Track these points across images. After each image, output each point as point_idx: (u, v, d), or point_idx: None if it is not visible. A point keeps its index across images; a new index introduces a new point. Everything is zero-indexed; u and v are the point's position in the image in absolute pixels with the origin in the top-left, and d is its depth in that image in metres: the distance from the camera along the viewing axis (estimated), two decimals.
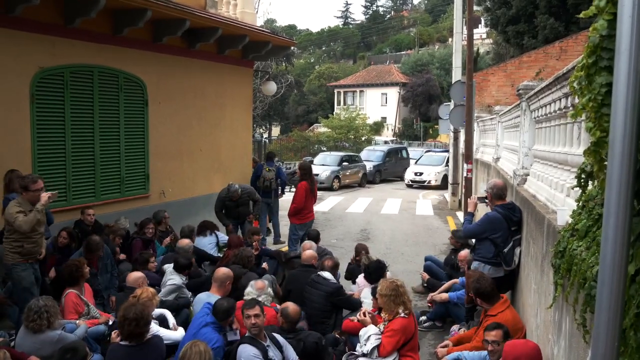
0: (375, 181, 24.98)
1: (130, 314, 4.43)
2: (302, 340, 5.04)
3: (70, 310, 5.50)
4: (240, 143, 12.05)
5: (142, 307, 4.52)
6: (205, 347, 3.98)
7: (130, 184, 9.02)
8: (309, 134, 42.26)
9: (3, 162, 6.18)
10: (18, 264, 5.53)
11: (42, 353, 4.60)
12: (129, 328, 4.43)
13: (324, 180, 21.59)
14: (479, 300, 5.24)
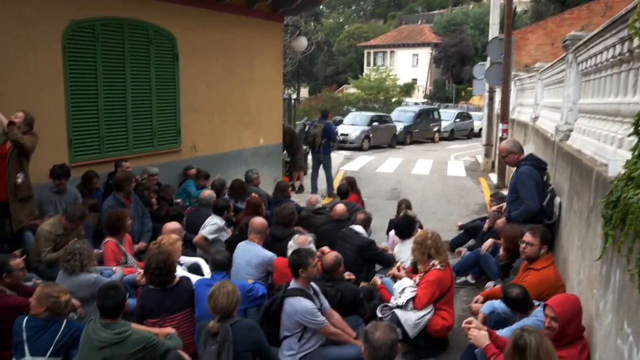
0: (406, 142, 24.66)
1: (153, 264, 4.49)
2: (340, 291, 5.01)
3: (109, 258, 5.57)
4: (270, 99, 11.91)
5: (165, 255, 4.54)
6: (233, 289, 3.97)
7: (162, 138, 9.01)
8: (338, 95, 41.80)
9: (38, 115, 6.18)
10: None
11: (80, 295, 4.67)
12: (152, 277, 4.52)
13: (353, 140, 21.40)
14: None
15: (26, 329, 3.93)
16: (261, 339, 4.07)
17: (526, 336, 3.15)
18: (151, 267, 4.49)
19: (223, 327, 3.83)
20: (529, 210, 5.70)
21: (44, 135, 6.34)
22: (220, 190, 8.04)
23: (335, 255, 5.20)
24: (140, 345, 3.73)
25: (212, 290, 3.97)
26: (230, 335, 3.78)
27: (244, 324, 3.95)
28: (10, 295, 4.37)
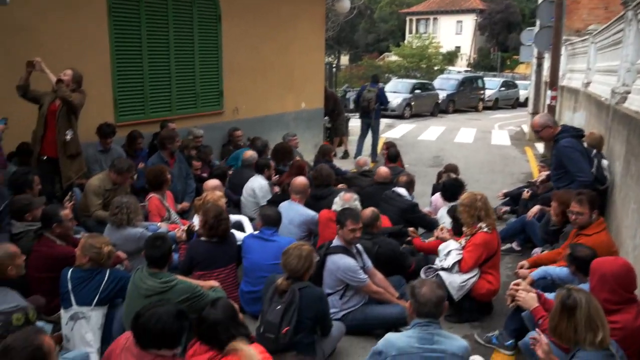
0: (448, 111, 24.17)
1: (211, 215, 4.53)
2: (377, 244, 4.98)
3: (154, 213, 5.65)
4: (312, 63, 11.77)
5: (221, 208, 4.60)
6: (308, 253, 3.93)
7: (204, 100, 9.03)
8: (379, 62, 41.20)
9: (85, 74, 6.23)
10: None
11: (126, 248, 4.76)
12: (208, 229, 4.56)
13: (395, 108, 21.07)
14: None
15: (71, 280, 4.03)
16: (327, 310, 4.05)
17: (575, 294, 3.02)
18: (208, 218, 4.54)
19: (291, 289, 3.82)
20: (583, 184, 5.43)
21: (90, 95, 6.41)
22: (262, 151, 8.04)
23: (373, 209, 5.16)
24: (186, 294, 3.77)
25: (288, 248, 3.98)
26: (297, 299, 3.77)
27: (313, 292, 3.92)
28: (60, 245, 4.48)
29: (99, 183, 5.78)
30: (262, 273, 4.60)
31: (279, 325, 3.77)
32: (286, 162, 7.96)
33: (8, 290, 3.57)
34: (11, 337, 2.56)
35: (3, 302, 3.48)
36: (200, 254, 4.63)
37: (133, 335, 2.97)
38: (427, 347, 3.00)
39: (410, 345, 3.01)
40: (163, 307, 2.99)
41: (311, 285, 3.99)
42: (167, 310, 2.97)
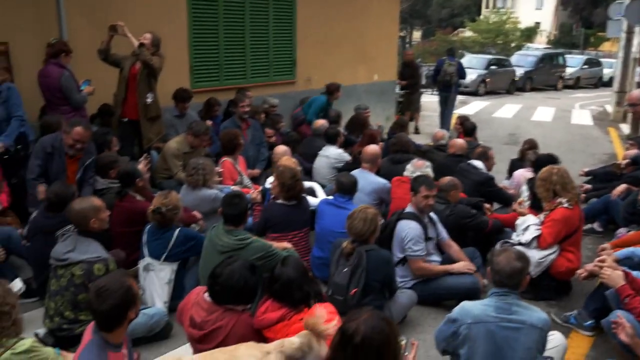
0: (525, 88, 23.15)
1: (287, 177, 4.54)
2: (453, 212, 4.87)
3: (226, 176, 5.74)
4: (386, 35, 11.55)
5: (295, 171, 4.60)
6: (373, 216, 3.89)
7: (277, 69, 9.06)
8: (453, 38, 40.00)
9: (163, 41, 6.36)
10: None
11: (201, 209, 4.87)
12: (284, 191, 4.59)
13: (468, 84, 20.36)
14: None
15: (147, 233, 4.24)
16: (393, 273, 4.02)
17: None
18: (285, 179, 4.57)
19: (358, 251, 3.79)
20: None
21: (166, 61, 6.52)
22: (335, 121, 7.99)
23: (452, 178, 5.05)
24: (260, 253, 3.82)
25: (353, 211, 3.95)
26: (364, 261, 3.74)
27: (380, 254, 3.88)
28: (140, 201, 4.63)
29: (177, 146, 5.92)
30: (333, 239, 4.59)
31: (346, 287, 3.76)
32: (358, 134, 7.89)
33: (91, 242, 3.71)
34: (104, 279, 2.69)
35: (86, 252, 3.63)
36: (276, 216, 4.67)
37: (209, 292, 3.03)
38: (504, 317, 2.88)
39: (486, 314, 2.91)
40: (237, 263, 3.03)
41: (377, 247, 3.96)
42: (242, 266, 3.01)
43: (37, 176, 4.94)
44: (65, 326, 3.60)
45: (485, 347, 2.84)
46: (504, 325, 2.87)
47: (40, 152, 4.97)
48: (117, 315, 2.59)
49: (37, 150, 5.00)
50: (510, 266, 2.92)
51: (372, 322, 2.21)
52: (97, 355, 2.51)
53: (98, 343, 2.57)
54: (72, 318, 3.59)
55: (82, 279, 3.54)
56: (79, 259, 3.58)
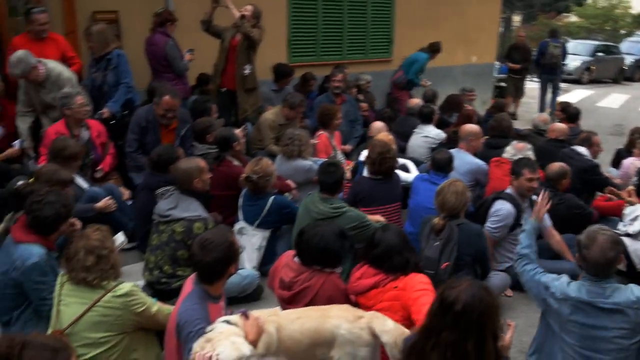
0: (635, 78, 21.56)
1: (376, 152, 4.49)
2: (564, 201, 4.61)
3: (320, 149, 5.76)
4: (487, 14, 11.06)
5: (388, 146, 4.52)
6: (463, 189, 3.77)
7: (374, 47, 8.96)
8: (557, 22, 37.90)
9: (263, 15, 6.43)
10: None
11: (295, 179, 4.92)
12: (374, 165, 4.52)
13: (572, 71, 19.26)
14: None
15: (242, 197, 4.36)
16: (486, 247, 3.87)
17: None
18: (374, 155, 4.51)
19: (448, 226, 3.69)
20: None
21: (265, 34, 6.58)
22: (431, 100, 7.80)
23: (562, 164, 4.75)
24: (354, 222, 3.81)
25: (442, 186, 3.84)
26: (455, 235, 3.64)
27: (472, 228, 3.77)
28: (237, 166, 4.75)
29: (273, 117, 6.00)
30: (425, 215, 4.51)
31: (437, 261, 3.66)
32: (451, 114, 7.68)
33: (193, 201, 3.85)
34: (209, 233, 2.79)
35: (187, 210, 3.77)
36: (363, 190, 4.61)
37: (296, 250, 3.08)
38: (598, 300, 2.72)
39: (577, 296, 2.75)
40: (325, 226, 3.07)
41: (468, 221, 3.83)
42: (330, 229, 3.05)
43: (135, 149, 5.19)
44: (164, 280, 3.75)
45: (578, 330, 2.75)
46: (598, 307, 2.71)
47: (135, 126, 5.19)
48: (219, 268, 2.67)
49: (132, 124, 5.21)
50: (605, 258, 2.73)
51: (473, 291, 2.14)
52: (198, 304, 2.59)
53: (199, 294, 2.65)
54: (170, 272, 3.74)
55: (182, 235, 3.67)
56: (180, 217, 3.72)
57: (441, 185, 3.84)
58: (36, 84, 5.09)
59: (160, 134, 5.26)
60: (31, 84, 5.09)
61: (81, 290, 2.75)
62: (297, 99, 6.02)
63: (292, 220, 4.19)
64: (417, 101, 7.48)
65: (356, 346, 2.64)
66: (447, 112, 7.65)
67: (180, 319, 2.55)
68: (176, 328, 2.56)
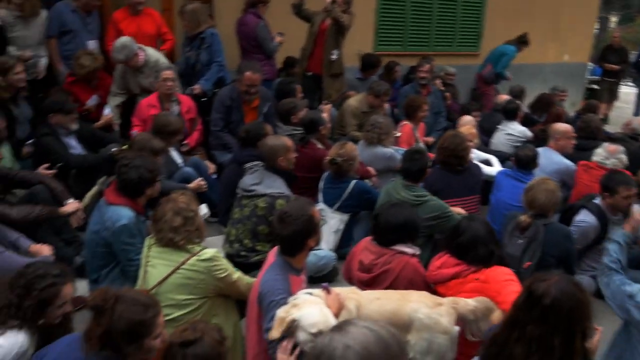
0: None
1: (446, 144, 4.39)
2: None
3: (403, 139, 5.69)
4: (583, 9, 10.49)
5: (460, 138, 4.41)
6: (554, 188, 3.64)
7: (462, 40, 8.77)
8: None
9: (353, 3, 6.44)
10: None
11: (375, 166, 4.90)
12: (444, 157, 4.43)
13: None
14: None
15: (324, 180, 4.40)
16: (573, 250, 3.73)
17: None
18: (444, 146, 4.42)
19: (535, 224, 3.57)
20: None
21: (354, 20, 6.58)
22: (517, 96, 7.55)
23: None
24: (436, 212, 3.76)
25: (532, 183, 3.73)
26: (541, 235, 3.52)
27: (560, 229, 3.65)
28: (321, 149, 4.79)
29: (357, 104, 5.99)
30: (506, 212, 4.36)
31: (520, 259, 3.55)
32: (541, 114, 7.39)
33: (277, 178, 3.92)
34: (288, 206, 2.82)
35: (271, 187, 3.84)
36: (439, 182, 4.49)
37: (372, 232, 3.11)
38: None
39: None
40: (397, 203, 3.12)
41: (555, 222, 3.69)
42: (402, 205, 3.13)
43: (221, 128, 5.33)
44: (243, 253, 3.84)
45: None
46: None
47: (220, 105, 5.33)
48: (298, 240, 2.70)
49: (217, 104, 5.35)
50: None
51: (563, 285, 2.07)
52: (280, 275, 2.64)
53: (281, 265, 2.70)
54: (249, 246, 3.82)
55: (265, 211, 3.74)
56: (263, 192, 3.79)
57: (531, 182, 3.72)
58: (135, 69, 5.35)
59: (243, 112, 5.39)
60: (130, 68, 5.36)
61: (168, 252, 2.86)
62: (382, 88, 5.98)
63: (372, 206, 4.16)
64: (505, 97, 7.26)
65: (433, 332, 2.62)
66: (538, 112, 7.38)
67: (262, 289, 2.60)
68: (258, 297, 2.62)
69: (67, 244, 3.99)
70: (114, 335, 2.08)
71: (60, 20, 5.43)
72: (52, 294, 2.40)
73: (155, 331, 2.16)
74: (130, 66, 5.32)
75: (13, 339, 2.33)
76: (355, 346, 1.35)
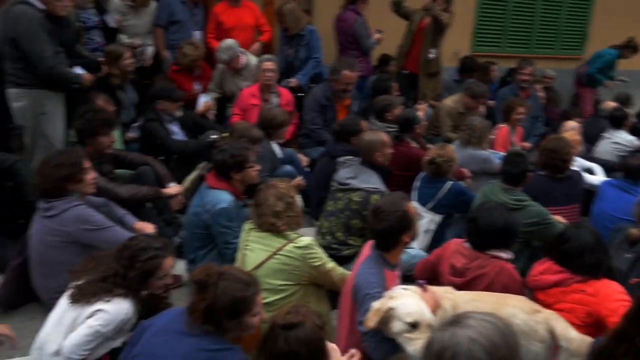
0: None
1: (549, 147, 4.18)
2: None
3: (499, 143, 5.53)
4: None
5: (563, 142, 4.18)
6: None
7: (566, 42, 8.38)
8: None
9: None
10: None
11: (470, 168, 4.78)
12: (545, 160, 4.21)
13: None
14: None
15: (420, 179, 4.32)
16: None
17: None
18: (548, 148, 4.21)
19: None
20: None
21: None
22: (624, 104, 7.11)
23: None
24: (536, 218, 3.62)
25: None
26: None
27: None
28: (416, 148, 4.74)
29: (453, 105, 5.87)
30: (610, 224, 4.14)
31: (626, 274, 3.34)
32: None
33: (373, 173, 3.92)
34: (383, 200, 2.82)
35: (367, 182, 3.84)
36: (536, 188, 4.28)
37: (468, 236, 3.01)
38: None
39: None
40: (494, 205, 3.04)
41: None
42: (499, 207, 3.03)
43: (320, 126, 5.39)
44: (334, 245, 3.86)
45: None
46: None
47: (316, 104, 5.38)
48: (392, 235, 2.69)
49: (312, 103, 5.40)
50: None
51: None
52: (375, 268, 2.64)
53: (376, 259, 2.70)
54: (341, 239, 3.84)
55: (359, 205, 3.75)
56: (359, 187, 3.80)
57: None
58: (235, 71, 5.55)
59: (336, 111, 5.46)
60: (230, 70, 5.56)
61: (266, 238, 2.94)
62: (480, 89, 5.83)
63: (466, 208, 4.06)
64: (612, 104, 6.86)
65: (530, 339, 2.54)
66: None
67: (357, 281, 2.61)
68: (352, 289, 2.63)
69: (167, 225, 4.18)
70: (216, 311, 2.15)
71: (170, 10, 5.69)
72: (154, 266, 2.54)
73: (254, 309, 2.23)
74: (231, 67, 5.52)
75: (118, 305, 2.48)
76: (481, 339, 1.33)
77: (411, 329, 2.27)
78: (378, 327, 2.34)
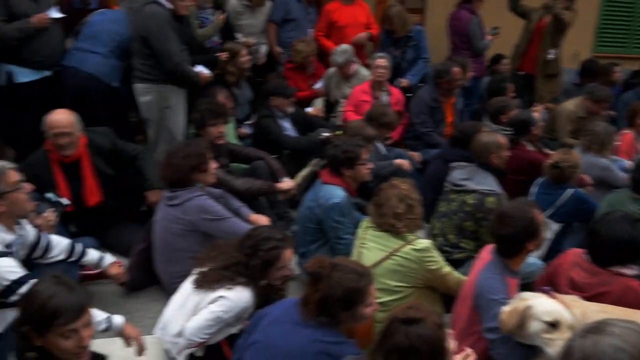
0: None
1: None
2: None
3: (623, 149, 5.18)
4: None
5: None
6: None
7: None
8: None
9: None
10: None
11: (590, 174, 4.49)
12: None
13: None
14: None
15: (539, 185, 4.14)
16: None
17: None
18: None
19: None
20: None
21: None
22: None
23: None
24: None
25: None
26: None
27: None
28: (532, 151, 4.56)
29: (573, 109, 5.56)
30: None
31: None
32: None
33: (488, 175, 3.78)
34: (509, 205, 2.73)
35: (482, 184, 3.71)
36: None
37: (588, 250, 2.83)
38: None
39: None
40: (617, 215, 2.84)
41: None
42: (623, 218, 2.81)
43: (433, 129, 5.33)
44: (446, 248, 3.76)
45: None
46: None
47: (425, 107, 5.33)
48: (516, 242, 2.60)
49: (420, 106, 5.34)
50: None
51: None
52: (498, 274, 2.56)
53: (497, 265, 2.62)
54: (453, 242, 3.74)
55: (473, 207, 3.64)
56: (473, 188, 3.69)
57: None
58: (344, 77, 5.59)
59: (444, 111, 5.38)
60: (340, 75, 5.60)
61: (384, 237, 2.94)
62: (603, 93, 5.47)
63: (588, 218, 3.83)
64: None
65: None
66: None
67: (480, 286, 2.54)
68: (474, 295, 2.56)
69: (279, 219, 4.28)
70: (330, 302, 2.18)
71: (286, 8, 5.81)
72: (274, 256, 2.62)
73: (367, 299, 2.24)
74: (342, 72, 5.56)
75: (240, 293, 2.57)
76: (628, 348, 1.24)
77: (550, 328, 2.19)
78: (512, 330, 2.26)
